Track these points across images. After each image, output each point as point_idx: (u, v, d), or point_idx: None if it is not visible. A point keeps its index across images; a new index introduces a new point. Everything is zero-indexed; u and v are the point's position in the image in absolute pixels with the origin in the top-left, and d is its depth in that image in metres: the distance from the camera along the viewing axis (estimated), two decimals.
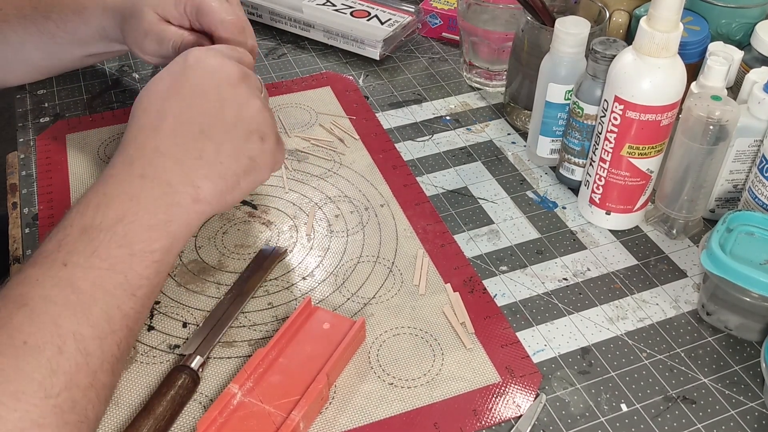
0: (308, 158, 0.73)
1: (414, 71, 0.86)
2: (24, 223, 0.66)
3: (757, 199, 0.61)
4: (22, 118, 0.78)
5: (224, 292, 0.60)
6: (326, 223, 0.67)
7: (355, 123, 0.78)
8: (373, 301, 0.60)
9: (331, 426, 0.51)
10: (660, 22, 0.56)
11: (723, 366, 0.56)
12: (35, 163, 0.72)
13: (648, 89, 0.58)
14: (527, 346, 0.57)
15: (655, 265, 0.63)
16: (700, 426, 0.52)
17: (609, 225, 0.67)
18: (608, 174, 0.63)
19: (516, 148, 0.76)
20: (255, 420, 0.50)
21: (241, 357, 0.55)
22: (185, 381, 0.51)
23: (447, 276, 0.62)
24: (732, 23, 0.74)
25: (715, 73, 0.61)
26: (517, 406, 0.52)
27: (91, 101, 0.80)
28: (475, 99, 0.82)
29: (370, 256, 0.64)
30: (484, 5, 0.79)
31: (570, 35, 0.65)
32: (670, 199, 0.64)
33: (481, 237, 0.66)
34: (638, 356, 0.56)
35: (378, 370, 0.55)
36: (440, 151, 0.75)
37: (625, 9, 0.77)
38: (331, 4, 0.90)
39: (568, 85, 0.67)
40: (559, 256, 0.64)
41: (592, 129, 0.65)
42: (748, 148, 0.62)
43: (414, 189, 0.70)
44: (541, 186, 0.71)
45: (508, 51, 0.77)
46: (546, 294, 0.61)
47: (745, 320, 0.56)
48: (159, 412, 0.49)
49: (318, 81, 0.84)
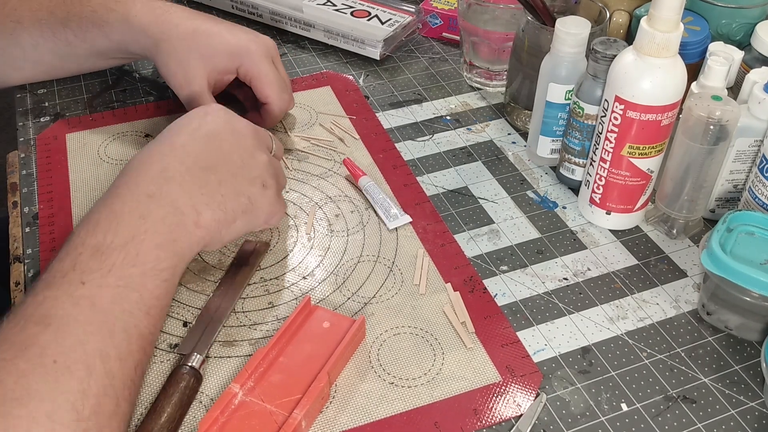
0: (308, 158, 0.74)
1: (414, 71, 0.86)
2: (24, 222, 0.66)
3: (758, 199, 0.61)
4: (22, 118, 0.78)
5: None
6: (326, 223, 0.67)
7: (356, 123, 0.78)
8: (374, 301, 0.60)
9: (332, 425, 0.51)
10: (660, 22, 0.56)
11: (723, 366, 0.56)
12: (35, 162, 0.72)
13: (648, 89, 0.58)
14: (527, 346, 0.57)
15: (655, 265, 0.63)
16: (701, 426, 0.52)
17: (609, 225, 0.67)
18: (608, 174, 0.63)
19: (516, 148, 0.76)
20: (257, 419, 0.50)
21: (242, 356, 0.56)
22: (191, 381, 0.51)
23: (447, 275, 0.62)
24: (732, 23, 0.74)
25: (715, 73, 0.61)
26: (518, 405, 0.52)
27: (92, 101, 0.80)
28: (476, 99, 0.82)
29: (370, 255, 0.64)
30: (484, 5, 0.79)
31: (570, 35, 0.65)
32: (670, 199, 0.64)
33: (482, 237, 0.66)
34: (638, 356, 0.56)
35: (378, 370, 0.55)
36: (440, 150, 0.75)
37: (626, 9, 0.77)
38: (332, 4, 0.90)
39: (569, 85, 0.67)
40: (559, 256, 0.64)
41: (592, 129, 0.66)
42: (749, 148, 0.62)
43: (414, 189, 0.70)
44: (541, 186, 0.71)
45: (509, 51, 0.77)
46: (546, 294, 0.61)
47: (746, 320, 0.56)
48: (169, 413, 0.49)
49: (318, 81, 0.84)
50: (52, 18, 0.70)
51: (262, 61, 0.69)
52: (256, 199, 0.57)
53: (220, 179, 0.55)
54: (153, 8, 0.69)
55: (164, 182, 0.53)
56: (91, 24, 0.70)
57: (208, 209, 0.54)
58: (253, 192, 0.57)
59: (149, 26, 0.68)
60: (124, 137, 0.75)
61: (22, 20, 0.71)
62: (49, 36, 0.71)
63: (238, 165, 0.56)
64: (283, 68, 0.73)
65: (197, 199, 0.53)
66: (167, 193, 0.52)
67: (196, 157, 0.55)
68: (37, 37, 0.71)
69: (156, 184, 0.52)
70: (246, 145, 0.58)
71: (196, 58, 0.68)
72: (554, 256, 0.64)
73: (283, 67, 0.73)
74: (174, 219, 0.52)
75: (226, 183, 0.55)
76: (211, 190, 0.54)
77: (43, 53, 0.73)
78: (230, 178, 0.56)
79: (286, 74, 0.74)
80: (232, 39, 0.69)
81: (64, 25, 0.70)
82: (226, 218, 0.55)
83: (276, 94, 0.70)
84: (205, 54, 0.68)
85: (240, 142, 0.58)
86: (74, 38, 0.71)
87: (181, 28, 0.68)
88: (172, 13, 0.69)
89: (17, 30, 0.71)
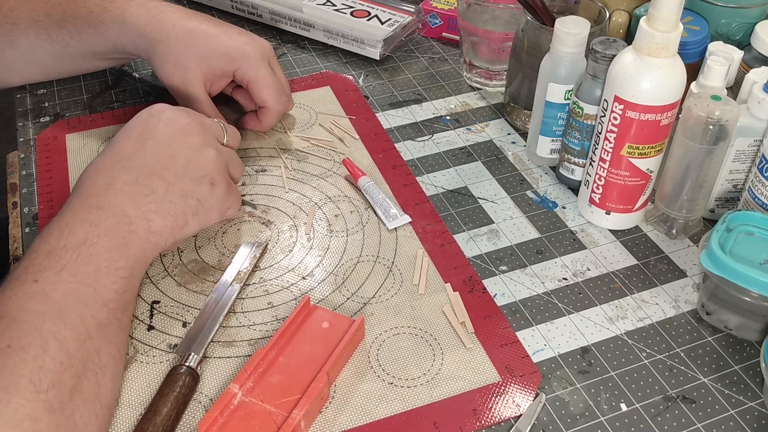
0: (308, 158, 0.74)
1: (414, 71, 0.86)
2: (24, 222, 0.66)
3: (757, 199, 0.61)
4: (22, 118, 0.78)
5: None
6: (326, 223, 0.67)
7: (355, 123, 0.78)
8: (373, 301, 0.60)
9: (331, 425, 0.51)
10: (660, 22, 0.56)
11: (723, 366, 0.56)
12: (35, 162, 0.72)
13: (648, 89, 0.58)
14: (527, 346, 0.57)
15: (654, 265, 0.63)
16: (700, 426, 0.52)
17: (609, 225, 0.67)
18: (608, 174, 0.63)
19: (516, 148, 0.76)
20: (256, 420, 0.50)
21: (241, 357, 0.56)
22: (186, 380, 0.51)
23: (447, 276, 0.62)
24: (732, 23, 0.74)
25: (714, 73, 0.61)
26: (517, 405, 0.52)
27: (91, 101, 0.80)
28: (475, 99, 0.82)
29: (369, 255, 0.64)
30: (484, 5, 0.79)
31: (570, 35, 0.65)
32: (670, 198, 0.64)
33: (481, 237, 0.66)
34: (638, 356, 0.56)
35: (378, 370, 0.55)
36: (440, 150, 0.75)
37: (625, 9, 0.77)
38: (332, 4, 0.90)
39: (568, 85, 0.67)
40: (558, 256, 0.64)
41: (592, 129, 0.66)
42: (748, 147, 0.62)
43: (414, 189, 0.70)
44: (541, 186, 0.71)
45: (508, 51, 0.77)
46: (546, 294, 0.61)
47: (745, 320, 0.56)
48: (165, 412, 0.49)
49: (318, 81, 0.84)
50: (48, 19, 0.70)
51: (259, 64, 0.69)
52: (205, 199, 0.57)
53: (168, 184, 0.55)
54: (149, 8, 0.69)
55: (112, 195, 0.54)
56: (86, 24, 0.70)
57: (158, 216, 0.54)
58: (201, 191, 0.57)
59: (145, 26, 0.68)
60: None
61: (18, 22, 0.71)
62: (45, 37, 0.71)
63: (184, 166, 0.57)
64: (280, 70, 0.73)
65: (146, 207, 0.54)
66: (115, 204, 0.53)
67: (141, 166, 0.55)
68: (33, 38, 0.71)
69: (104, 197, 0.53)
70: (192, 143, 0.58)
71: (192, 59, 0.68)
72: (554, 256, 0.64)
73: (280, 70, 0.73)
74: (125, 228, 0.53)
75: (173, 187, 0.56)
76: (158, 198, 0.55)
77: (40, 55, 0.73)
78: (177, 182, 0.56)
79: (284, 76, 0.73)
80: (229, 42, 0.69)
81: (59, 26, 0.70)
82: (177, 222, 0.55)
83: (273, 97, 0.70)
84: (202, 55, 0.68)
85: (185, 141, 0.58)
86: (70, 39, 0.71)
87: (177, 28, 0.68)
88: (168, 14, 0.69)
89: (14, 32, 0.71)
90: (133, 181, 0.55)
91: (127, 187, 0.54)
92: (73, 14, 0.70)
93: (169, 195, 0.55)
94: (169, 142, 0.57)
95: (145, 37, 0.68)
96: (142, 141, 0.57)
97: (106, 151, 0.57)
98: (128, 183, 0.54)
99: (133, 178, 0.55)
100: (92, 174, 0.55)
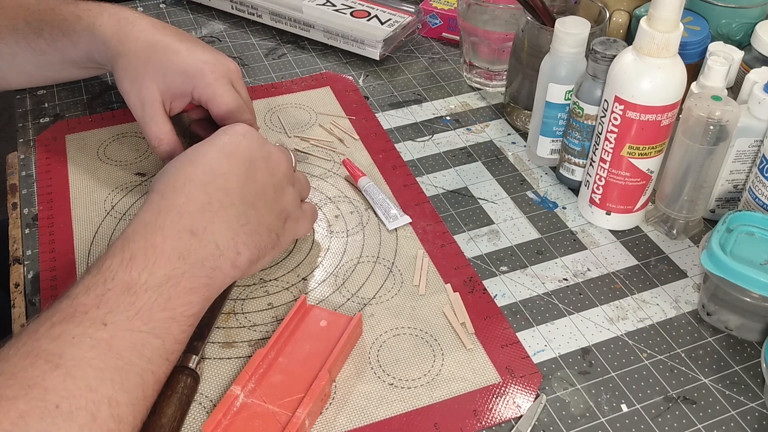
0: (308, 158, 0.73)
1: (414, 71, 0.86)
2: (24, 223, 0.66)
3: (758, 199, 0.61)
4: (22, 119, 0.78)
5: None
6: (326, 224, 0.67)
7: (355, 123, 0.78)
8: (373, 302, 0.60)
9: (331, 426, 0.51)
10: (660, 22, 0.56)
11: (723, 366, 0.56)
12: (35, 163, 0.72)
13: (648, 89, 0.58)
14: (527, 347, 0.57)
15: (655, 266, 0.63)
16: (701, 426, 0.52)
17: (609, 225, 0.67)
18: (608, 174, 0.63)
19: (516, 148, 0.76)
20: (260, 420, 0.50)
21: (241, 358, 0.55)
22: (188, 381, 0.51)
23: (447, 276, 0.62)
24: (732, 23, 0.74)
25: (715, 73, 0.61)
26: (518, 406, 0.52)
27: (91, 101, 0.80)
28: (475, 99, 0.82)
29: (370, 256, 0.64)
30: (484, 5, 0.79)
31: (570, 35, 0.65)
32: (670, 199, 0.64)
33: (481, 237, 0.66)
34: (638, 356, 0.56)
35: (378, 371, 0.55)
36: (440, 151, 0.75)
37: (625, 9, 0.77)
38: (331, 4, 0.90)
39: (568, 85, 0.67)
40: (559, 257, 0.64)
41: (592, 129, 0.65)
42: (749, 148, 0.62)
43: (414, 189, 0.70)
44: (541, 186, 0.71)
45: (508, 51, 0.77)
46: (546, 294, 0.61)
47: (746, 320, 0.56)
48: (170, 413, 0.49)
49: (318, 81, 0.84)
50: (27, 27, 0.69)
51: (217, 82, 0.64)
52: (282, 234, 0.56)
53: (260, 216, 0.53)
54: (118, 19, 0.66)
55: (210, 219, 0.50)
56: (60, 33, 0.68)
57: (246, 249, 0.52)
58: (280, 227, 0.55)
59: (110, 38, 0.65)
60: (124, 138, 0.75)
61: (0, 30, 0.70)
62: (25, 45, 0.69)
63: (272, 198, 0.54)
64: (245, 91, 0.67)
65: (239, 238, 0.51)
66: (212, 232, 0.50)
67: (238, 190, 0.52)
68: (14, 46, 0.70)
69: (201, 220, 0.50)
70: (279, 174, 0.55)
71: (149, 77, 0.64)
72: (554, 256, 0.64)
73: (245, 90, 0.68)
74: (212, 263, 0.50)
75: (264, 219, 0.53)
76: (251, 229, 0.52)
77: (21, 62, 0.71)
78: (267, 214, 0.54)
79: (248, 97, 0.68)
80: (188, 59, 0.64)
81: (37, 34, 0.68)
82: (258, 256, 0.53)
83: (232, 118, 0.64)
84: (159, 72, 0.64)
85: (274, 171, 0.55)
86: (47, 47, 0.69)
87: (140, 42, 0.64)
88: (137, 25, 0.65)
89: None
90: (231, 205, 0.51)
91: (225, 212, 0.51)
92: (50, 22, 0.68)
93: (260, 227, 0.53)
94: (260, 169, 0.54)
95: (110, 49, 0.65)
96: (238, 162, 0.53)
97: (196, 162, 0.52)
98: (225, 206, 0.51)
99: (231, 202, 0.51)
100: (185, 186, 0.51)
